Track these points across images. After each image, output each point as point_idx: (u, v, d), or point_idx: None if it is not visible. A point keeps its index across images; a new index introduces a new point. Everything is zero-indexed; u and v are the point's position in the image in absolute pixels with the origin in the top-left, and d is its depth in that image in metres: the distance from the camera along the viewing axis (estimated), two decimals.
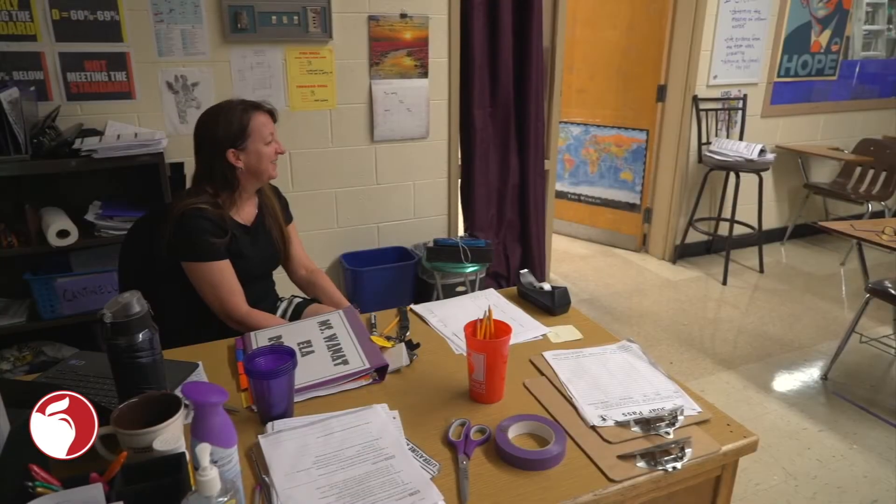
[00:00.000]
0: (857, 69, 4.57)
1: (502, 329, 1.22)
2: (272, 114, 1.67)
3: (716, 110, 4.05)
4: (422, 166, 3.17)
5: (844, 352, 2.83)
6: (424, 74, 3.03)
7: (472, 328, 1.21)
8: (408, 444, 1.06)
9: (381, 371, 1.27)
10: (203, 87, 2.66)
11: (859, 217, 4.16)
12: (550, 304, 1.58)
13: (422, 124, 3.09)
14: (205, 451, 0.73)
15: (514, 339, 1.43)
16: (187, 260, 1.58)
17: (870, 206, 4.26)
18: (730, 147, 3.82)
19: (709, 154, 3.89)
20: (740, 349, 3.07)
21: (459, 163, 3.26)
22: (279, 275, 1.89)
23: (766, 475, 2.16)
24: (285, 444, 1.03)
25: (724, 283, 3.88)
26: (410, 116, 3.06)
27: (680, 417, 1.14)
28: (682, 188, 4.10)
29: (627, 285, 3.84)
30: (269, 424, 1.09)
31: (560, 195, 4.56)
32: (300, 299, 1.86)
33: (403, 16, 2.91)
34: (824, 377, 2.82)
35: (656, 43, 3.99)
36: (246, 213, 1.71)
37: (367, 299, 2.92)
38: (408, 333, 1.47)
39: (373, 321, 1.54)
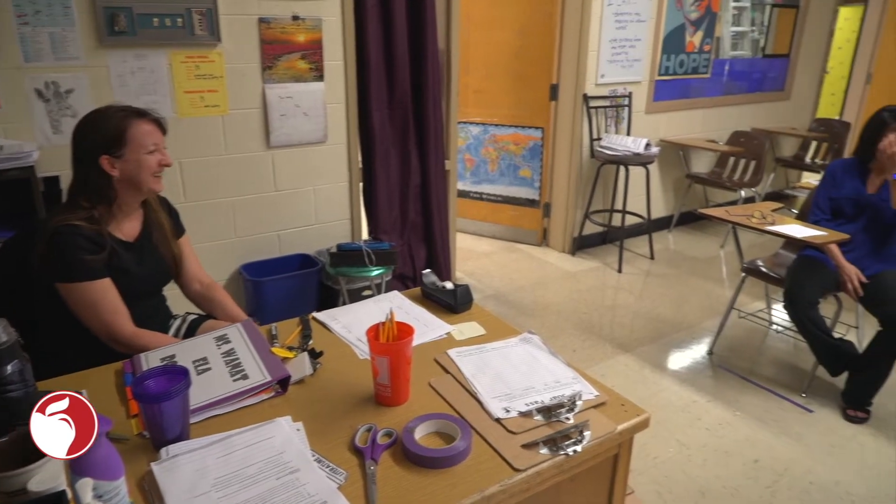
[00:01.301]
0: (727, 67, 4.98)
1: (405, 331, 1.22)
2: (159, 123, 1.57)
3: (604, 107, 4.27)
4: (322, 171, 3.12)
5: (726, 327, 3.08)
6: (320, 77, 2.98)
7: (374, 332, 1.21)
8: (313, 455, 1.04)
9: (283, 383, 1.24)
10: (78, 95, 2.47)
11: (734, 203, 4.53)
12: (453, 303, 1.61)
13: (319, 128, 3.04)
14: (86, 486, 0.68)
15: (419, 339, 1.45)
16: (62, 281, 1.46)
17: (742, 192, 4.66)
18: (618, 142, 4.04)
19: (600, 149, 4.10)
20: (636, 332, 3.26)
21: (360, 166, 3.24)
22: (174, 291, 1.80)
23: (662, 448, 2.31)
24: (181, 469, 0.99)
25: (620, 271, 4.10)
26: (307, 120, 3.00)
27: (579, 402, 1.20)
28: (577, 183, 4.29)
29: (530, 279, 3.96)
30: (164, 450, 1.03)
31: (462, 194, 4.64)
32: (195, 316, 1.77)
33: (296, 18, 2.85)
34: (710, 352, 3.05)
35: (547, 44, 4.15)
36: (128, 228, 1.61)
37: (270, 310, 2.84)
38: (310, 342, 1.44)
39: (274, 332, 1.50)
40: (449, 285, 1.65)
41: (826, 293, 2.60)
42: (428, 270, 1.74)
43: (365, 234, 3.42)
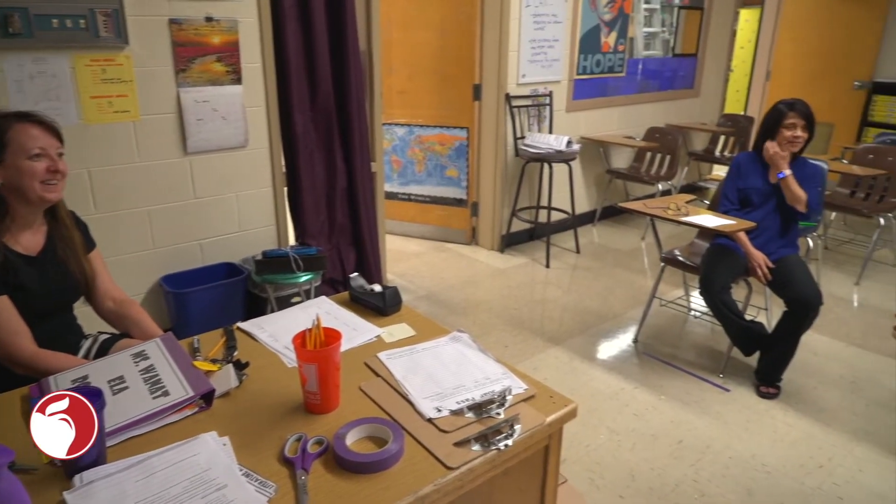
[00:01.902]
0: (640, 66, 5.19)
1: (332, 336, 1.21)
2: (48, 126, 1.48)
3: (527, 107, 4.36)
4: (243, 176, 3.03)
5: (649, 316, 3.22)
6: (238, 80, 2.89)
7: (300, 339, 1.19)
8: (241, 470, 1.01)
9: (207, 397, 1.20)
10: None
11: (652, 196, 4.74)
12: (382, 305, 1.60)
13: (239, 132, 2.95)
14: None
15: (348, 343, 1.43)
16: None
17: (660, 185, 4.87)
18: (541, 140, 4.14)
19: (524, 147, 4.18)
20: (565, 325, 3.35)
21: (284, 170, 3.17)
22: (86, 310, 1.70)
23: (593, 436, 2.39)
24: (98, 496, 0.93)
25: (548, 266, 4.20)
26: (226, 125, 2.90)
27: (508, 397, 1.22)
28: (503, 181, 4.37)
29: (461, 278, 4.00)
30: (77, 477, 0.97)
31: (390, 196, 4.63)
32: (107, 335, 1.68)
33: (209, 19, 2.75)
34: (635, 340, 3.18)
35: (468, 45, 4.20)
36: (28, 241, 1.51)
37: (194, 322, 2.73)
38: (235, 353, 1.40)
39: (196, 345, 1.45)
40: (377, 288, 1.64)
41: (737, 278, 2.77)
42: (355, 274, 1.72)
43: (292, 240, 3.35)
